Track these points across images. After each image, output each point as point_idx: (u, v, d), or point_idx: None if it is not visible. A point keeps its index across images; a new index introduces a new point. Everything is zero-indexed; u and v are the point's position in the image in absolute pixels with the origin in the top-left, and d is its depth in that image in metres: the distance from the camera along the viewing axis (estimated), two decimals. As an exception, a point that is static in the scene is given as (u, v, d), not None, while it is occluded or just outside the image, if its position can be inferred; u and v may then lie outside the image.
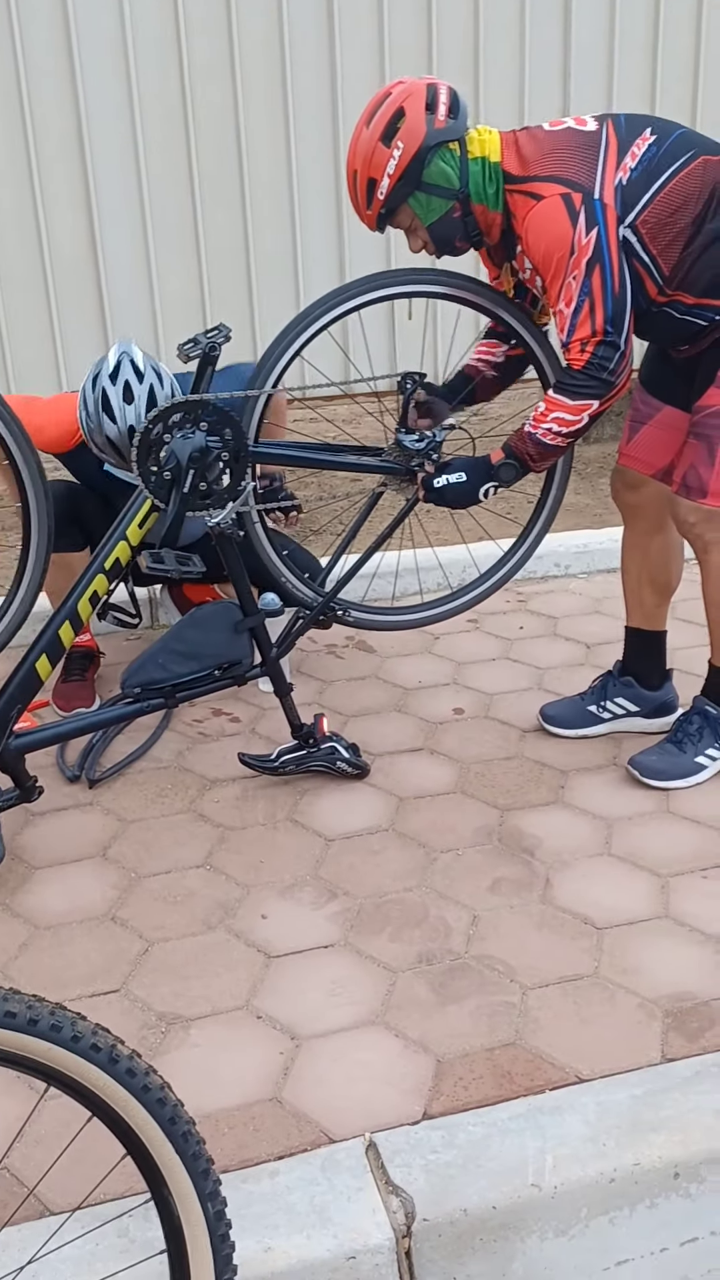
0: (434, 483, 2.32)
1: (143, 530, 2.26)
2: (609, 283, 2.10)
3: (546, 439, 2.23)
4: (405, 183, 2.17)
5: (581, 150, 2.13)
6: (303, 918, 2.05)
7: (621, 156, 2.12)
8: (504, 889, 2.12)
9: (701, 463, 2.25)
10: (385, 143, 2.15)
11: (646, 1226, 1.51)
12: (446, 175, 2.17)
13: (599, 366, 2.14)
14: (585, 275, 2.09)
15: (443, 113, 2.15)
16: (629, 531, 2.60)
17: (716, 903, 2.05)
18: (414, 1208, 1.44)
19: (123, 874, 2.20)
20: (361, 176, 2.20)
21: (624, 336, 2.14)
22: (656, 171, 2.13)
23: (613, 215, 2.10)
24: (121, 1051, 1.16)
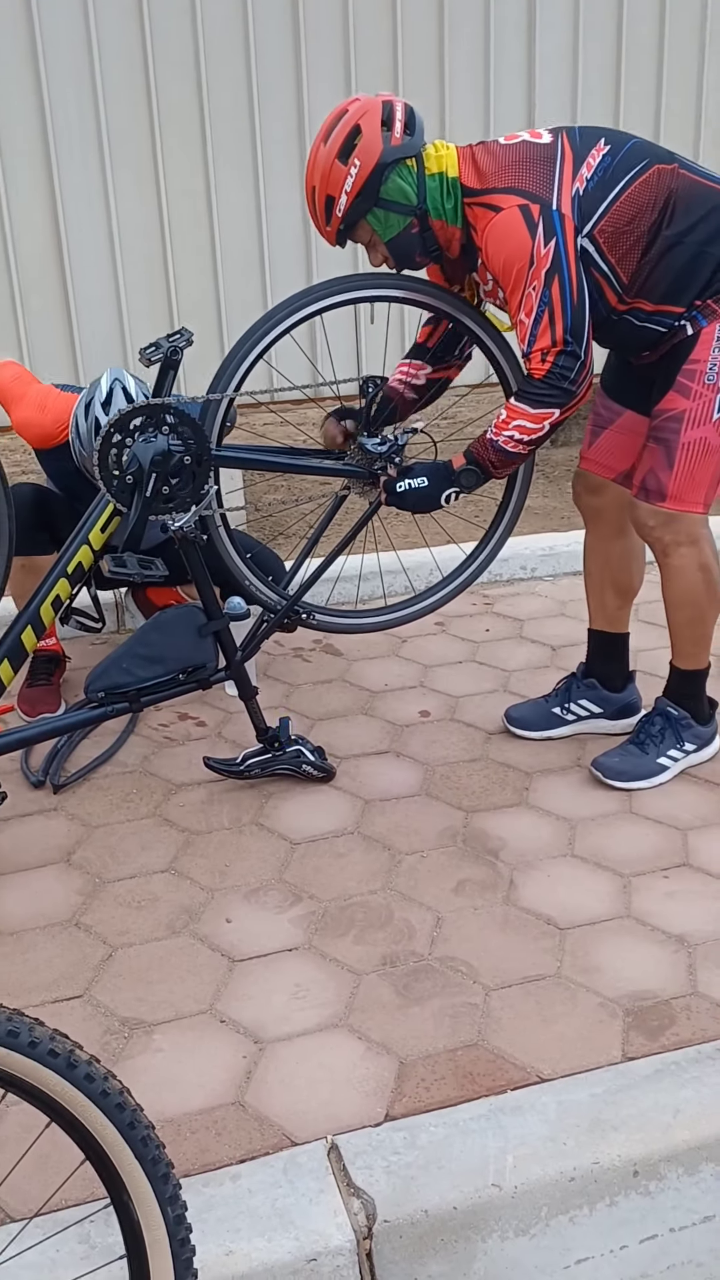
0: (396, 487, 2.33)
1: (105, 534, 2.26)
2: (568, 293, 2.12)
3: (508, 446, 2.25)
4: (363, 199, 2.18)
5: (538, 162, 2.15)
6: (267, 921, 2.05)
7: (577, 167, 2.15)
8: (468, 890, 2.13)
9: (660, 467, 2.27)
10: (342, 160, 2.16)
11: (606, 1225, 1.52)
12: (404, 191, 2.19)
13: (560, 376, 2.16)
14: (544, 286, 2.11)
15: (398, 130, 2.17)
16: (591, 535, 2.62)
17: (677, 902, 2.07)
18: (375, 1209, 1.44)
19: (87, 879, 2.19)
20: (320, 193, 2.21)
21: (584, 346, 2.16)
22: (612, 181, 2.15)
23: (570, 226, 2.12)
24: (79, 1056, 1.16)
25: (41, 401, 2.70)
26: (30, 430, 2.69)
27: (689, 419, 2.23)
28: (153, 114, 4.07)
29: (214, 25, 4.06)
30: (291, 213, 4.30)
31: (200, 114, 4.13)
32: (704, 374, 2.22)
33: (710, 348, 2.21)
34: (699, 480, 2.27)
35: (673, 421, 2.25)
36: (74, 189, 4.05)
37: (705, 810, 2.37)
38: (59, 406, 2.69)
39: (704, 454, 2.25)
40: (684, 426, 2.24)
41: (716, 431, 2.24)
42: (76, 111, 3.99)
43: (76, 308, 4.17)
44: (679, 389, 2.24)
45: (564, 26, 4.59)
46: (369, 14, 4.26)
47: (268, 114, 4.21)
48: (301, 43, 4.17)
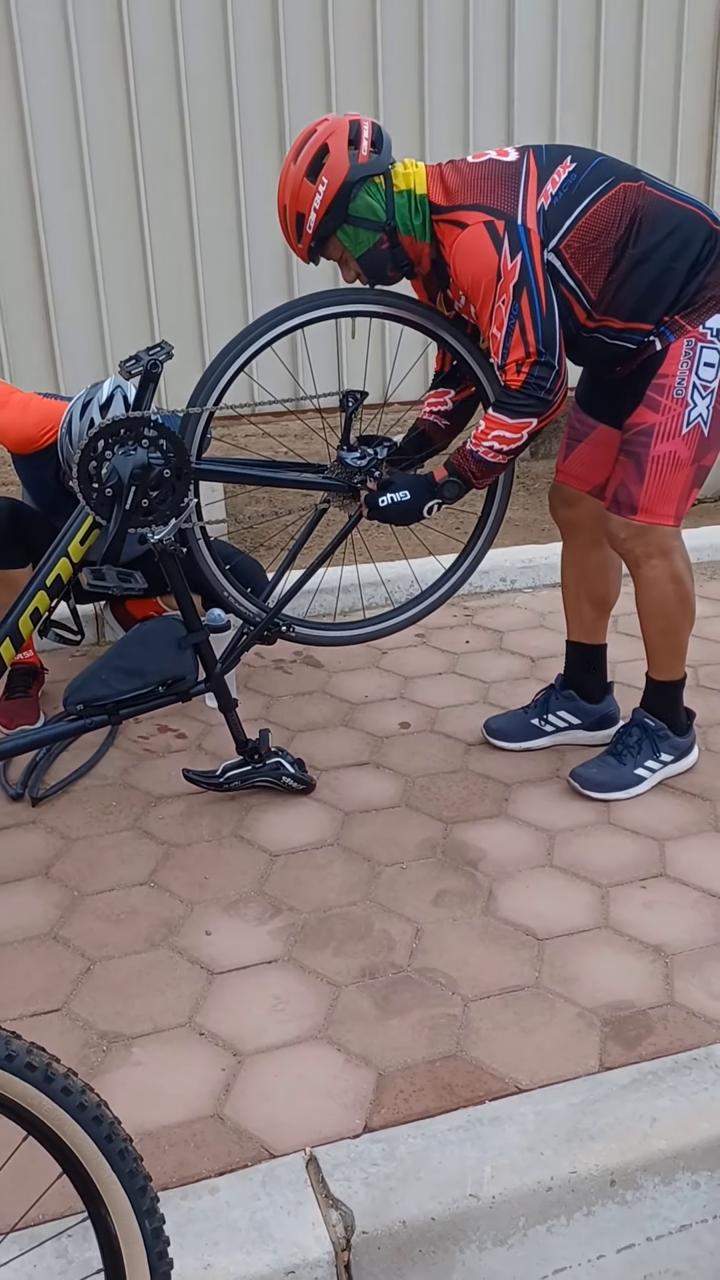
0: (378, 501, 2.35)
1: (84, 547, 2.26)
2: (536, 304, 2.14)
3: (488, 456, 2.27)
4: (332, 216, 2.21)
5: (503, 179, 2.18)
6: (247, 934, 2.05)
7: (542, 184, 2.17)
8: (447, 901, 2.13)
9: (631, 480, 2.30)
10: (310, 178, 2.19)
11: (584, 1234, 1.53)
12: (372, 208, 2.21)
13: (536, 386, 2.18)
14: (514, 299, 2.13)
15: (365, 148, 2.19)
16: (567, 547, 2.64)
17: (654, 912, 2.08)
18: (353, 1221, 1.44)
19: (65, 892, 2.19)
20: (290, 211, 2.23)
21: (557, 355, 2.18)
22: (578, 198, 2.18)
23: (536, 239, 2.14)
24: (57, 1070, 1.16)
25: (25, 404, 2.70)
26: (10, 434, 2.68)
27: (658, 433, 2.26)
28: (133, 130, 4.09)
29: (195, 46, 4.09)
30: (272, 228, 4.32)
31: (181, 130, 4.16)
32: (672, 388, 2.24)
33: (679, 362, 2.24)
34: (669, 493, 2.29)
35: (643, 435, 2.28)
36: (54, 203, 4.06)
37: (683, 821, 2.38)
38: (43, 410, 2.68)
39: (674, 467, 2.27)
40: (654, 440, 2.26)
41: (686, 445, 2.27)
42: (56, 127, 4.00)
43: (57, 321, 4.18)
44: (648, 403, 2.27)
45: (542, 48, 4.64)
46: (349, 36, 4.30)
47: (248, 130, 4.24)
48: (282, 63, 4.20)
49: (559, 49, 4.65)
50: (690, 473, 2.29)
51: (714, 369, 2.24)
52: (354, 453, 2.37)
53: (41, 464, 2.68)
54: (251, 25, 4.14)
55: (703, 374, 2.24)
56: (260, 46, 4.18)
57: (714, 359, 2.24)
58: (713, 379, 2.25)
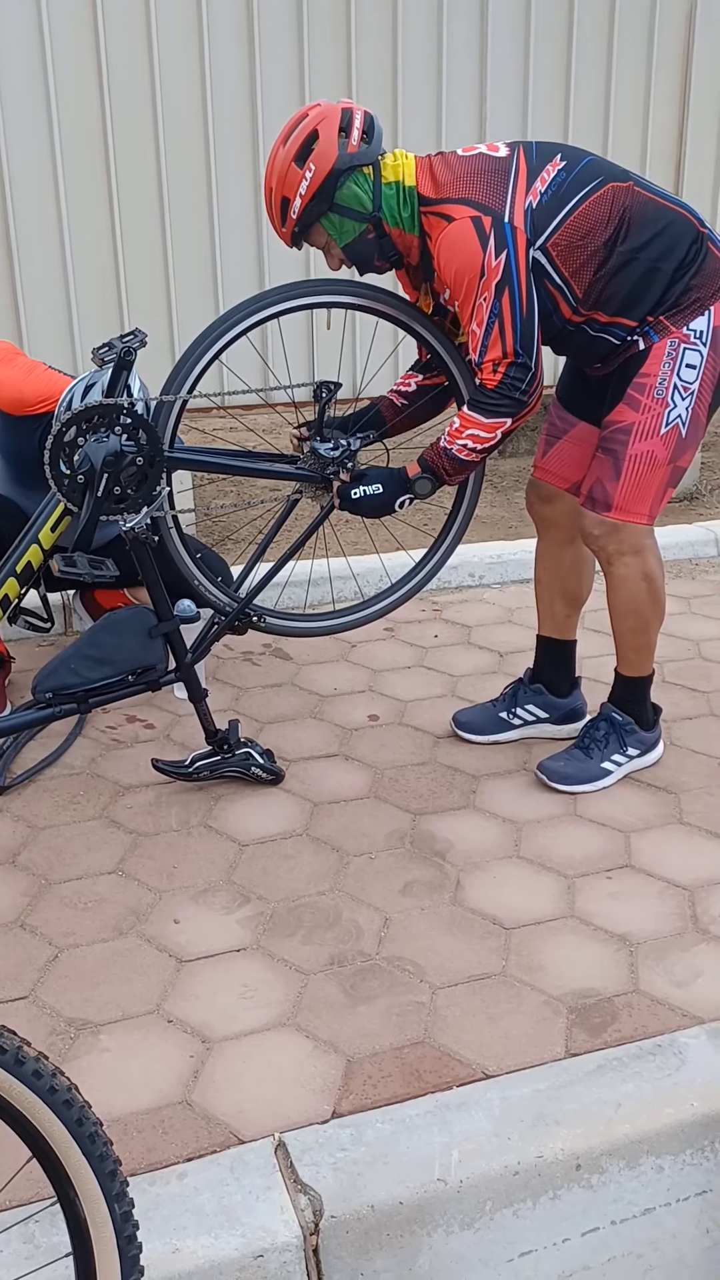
0: (350, 493, 2.36)
1: (55, 534, 2.25)
2: (517, 305, 2.15)
3: (461, 455, 2.28)
4: (317, 203, 2.20)
5: (493, 175, 2.18)
6: (215, 922, 2.05)
7: (531, 181, 2.18)
8: (415, 891, 2.15)
9: (608, 477, 2.32)
10: (299, 164, 2.18)
11: (549, 1218, 1.55)
12: (359, 198, 2.21)
13: (511, 386, 2.20)
14: (495, 297, 2.14)
15: (356, 137, 2.19)
16: (542, 543, 2.66)
17: (619, 902, 2.11)
18: (322, 1205, 1.45)
19: (33, 880, 2.18)
20: (276, 195, 2.23)
21: (534, 357, 2.20)
22: (566, 196, 2.19)
23: (522, 238, 2.16)
24: (28, 1053, 1.16)
25: (30, 368, 2.66)
26: (7, 390, 2.64)
27: (637, 431, 2.28)
28: (105, 117, 4.06)
29: (169, 34, 4.07)
30: (243, 217, 4.31)
31: (153, 117, 4.14)
32: (653, 388, 2.26)
33: (661, 363, 2.26)
34: (645, 492, 2.32)
35: (621, 433, 2.30)
36: (24, 188, 4.03)
37: (648, 812, 2.41)
38: (46, 379, 2.65)
39: (651, 466, 2.30)
40: (632, 439, 2.28)
41: (664, 445, 2.29)
42: (29, 114, 3.97)
43: (25, 309, 4.14)
44: (629, 402, 2.29)
45: (515, 39, 4.66)
46: (324, 31, 4.29)
47: (220, 117, 4.23)
48: (256, 49, 4.19)
49: (530, 50, 4.68)
50: (666, 473, 2.32)
51: (696, 371, 2.27)
52: (326, 443, 2.38)
53: (28, 431, 2.64)
54: (228, 15, 4.13)
55: (684, 375, 2.26)
56: (235, 34, 4.16)
57: (696, 361, 2.26)
58: (694, 380, 2.27)
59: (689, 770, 2.59)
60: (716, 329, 2.26)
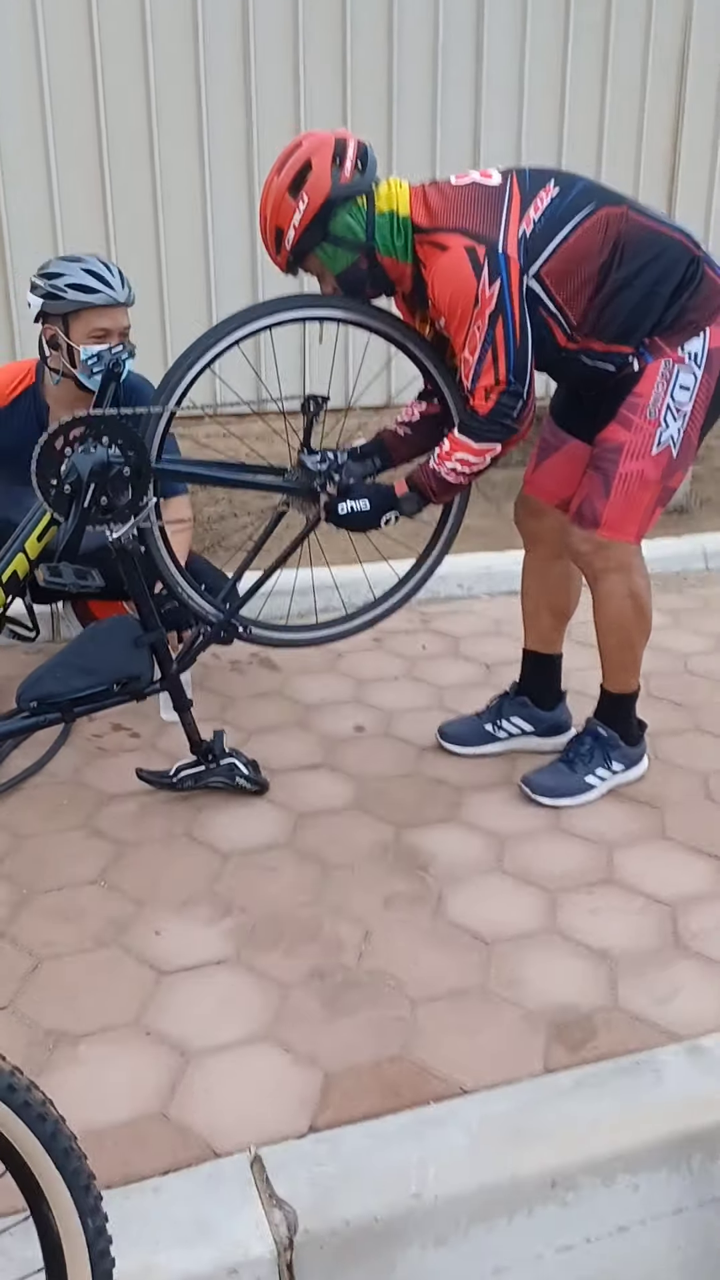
0: (338, 507, 2.36)
1: (41, 544, 2.25)
2: (511, 333, 2.15)
3: (449, 477, 2.29)
4: (311, 234, 2.22)
5: (486, 204, 2.19)
6: (196, 934, 2.05)
7: (525, 209, 2.18)
8: (397, 904, 2.15)
9: (597, 494, 2.32)
10: (292, 194, 2.19)
11: (524, 1234, 1.55)
12: (351, 229, 2.22)
13: (503, 413, 2.20)
14: (489, 326, 2.14)
15: (349, 168, 2.20)
16: (529, 557, 2.67)
17: (601, 918, 2.11)
18: (296, 1219, 1.45)
19: (14, 890, 2.17)
20: (270, 225, 2.24)
21: (526, 385, 2.20)
22: (560, 223, 2.19)
23: (516, 267, 2.15)
24: (2, 1068, 1.16)
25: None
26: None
27: (628, 451, 2.28)
28: (99, 126, 4.07)
29: (165, 55, 4.08)
30: (237, 230, 4.32)
31: (148, 128, 4.15)
32: (646, 408, 2.27)
33: (654, 383, 2.26)
34: (633, 511, 2.32)
35: (612, 452, 2.30)
36: (20, 203, 4.04)
37: (631, 827, 2.42)
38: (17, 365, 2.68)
39: (640, 486, 2.30)
40: (622, 457, 2.29)
41: (654, 465, 2.29)
42: (24, 130, 3.98)
43: (18, 319, 4.14)
44: (621, 420, 2.29)
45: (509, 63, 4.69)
46: (318, 49, 4.31)
47: (215, 128, 4.24)
48: (251, 72, 4.20)
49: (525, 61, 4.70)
50: (656, 493, 2.32)
51: (689, 392, 2.27)
52: (314, 456, 2.38)
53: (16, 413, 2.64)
54: (224, 36, 4.15)
55: (677, 396, 2.27)
56: (231, 56, 4.18)
57: (690, 383, 2.27)
58: (687, 402, 2.27)
59: (673, 785, 2.60)
60: (712, 351, 2.27)
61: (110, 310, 2.57)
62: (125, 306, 2.61)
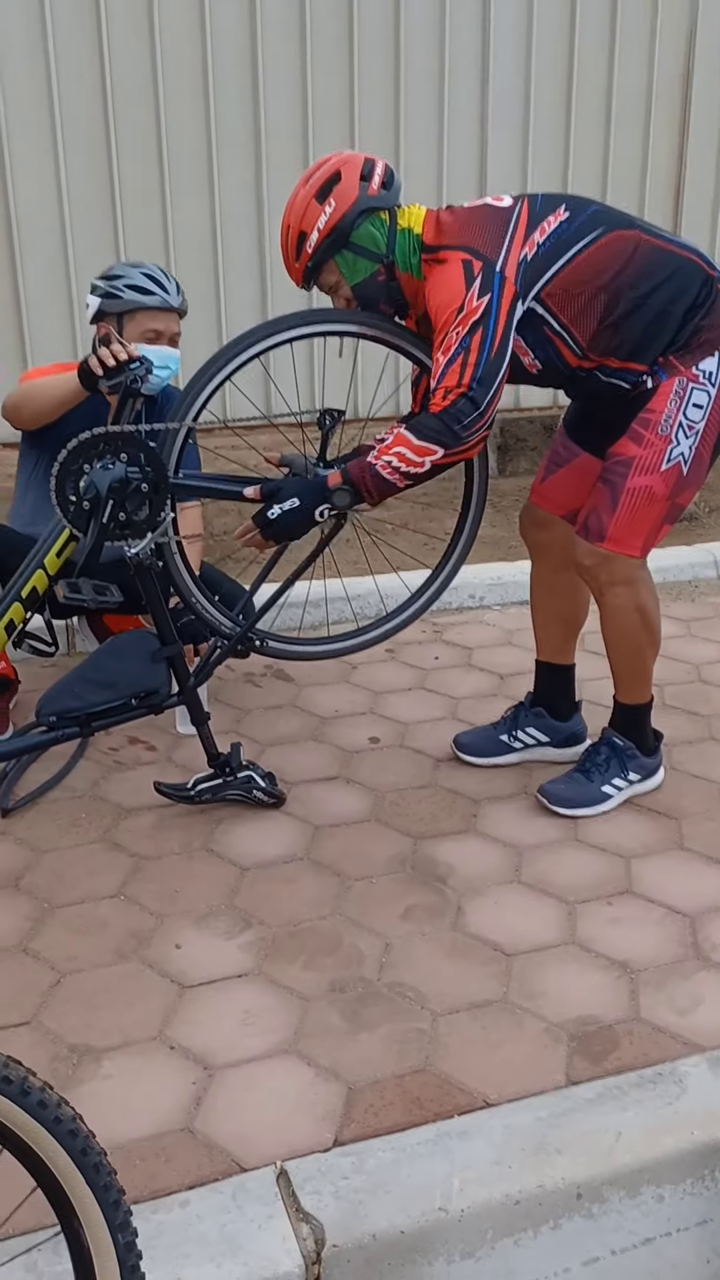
0: (268, 514, 2.24)
1: (60, 559, 2.26)
2: (487, 345, 2.14)
3: (384, 472, 2.20)
4: (334, 240, 2.24)
5: (492, 224, 2.21)
6: (217, 947, 2.06)
7: (530, 232, 2.20)
8: (416, 916, 2.15)
9: (604, 508, 2.33)
10: (319, 200, 2.22)
11: (550, 1247, 1.55)
12: (374, 239, 2.25)
13: (454, 418, 2.15)
14: (467, 333, 2.14)
15: (376, 184, 2.24)
16: (537, 569, 2.68)
17: (620, 928, 2.11)
18: (324, 1234, 1.45)
19: (35, 904, 2.18)
20: (293, 231, 2.26)
21: (486, 400, 2.15)
22: (566, 246, 2.21)
23: (510, 290, 2.16)
24: (33, 1084, 1.16)
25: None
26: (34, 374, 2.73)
27: (637, 465, 2.29)
28: (109, 144, 4.10)
29: (174, 78, 4.12)
30: (247, 249, 4.35)
31: (158, 148, 4.18)
32: (658, 424, 2.28)
33: (668, 399, 2.27)
34: (640, 526, 2.33)
35: (621, 466, 2.31)
36: (30, 218, 4.07)
37: (648, 838, 2.42)
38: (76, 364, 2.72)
39: (648, 501, 2.31)
40: (632, 472, 2.29)
41: (663, 481, 2.30)
42: (35, 152, 4.01)
43: (30, 336, 4.17)
44: (632, 435, 2.30)
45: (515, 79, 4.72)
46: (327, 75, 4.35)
47: (225, 149, 4.27)
48: (260, 97, 4.24)
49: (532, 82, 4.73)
50: (664, 509, 2.33)
51: (702, 410, 2.28)
52: (330, 469, 2.39)
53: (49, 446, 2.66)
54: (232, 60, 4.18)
55: (690, 414, 2.27)
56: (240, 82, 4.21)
57: (703, 401, 2.27)
58: (699, 420, 2.28)
59: (690, 795, 2.60)
60: None
61: (163, 313, 2.67)
62: (178, 312, 2.70)
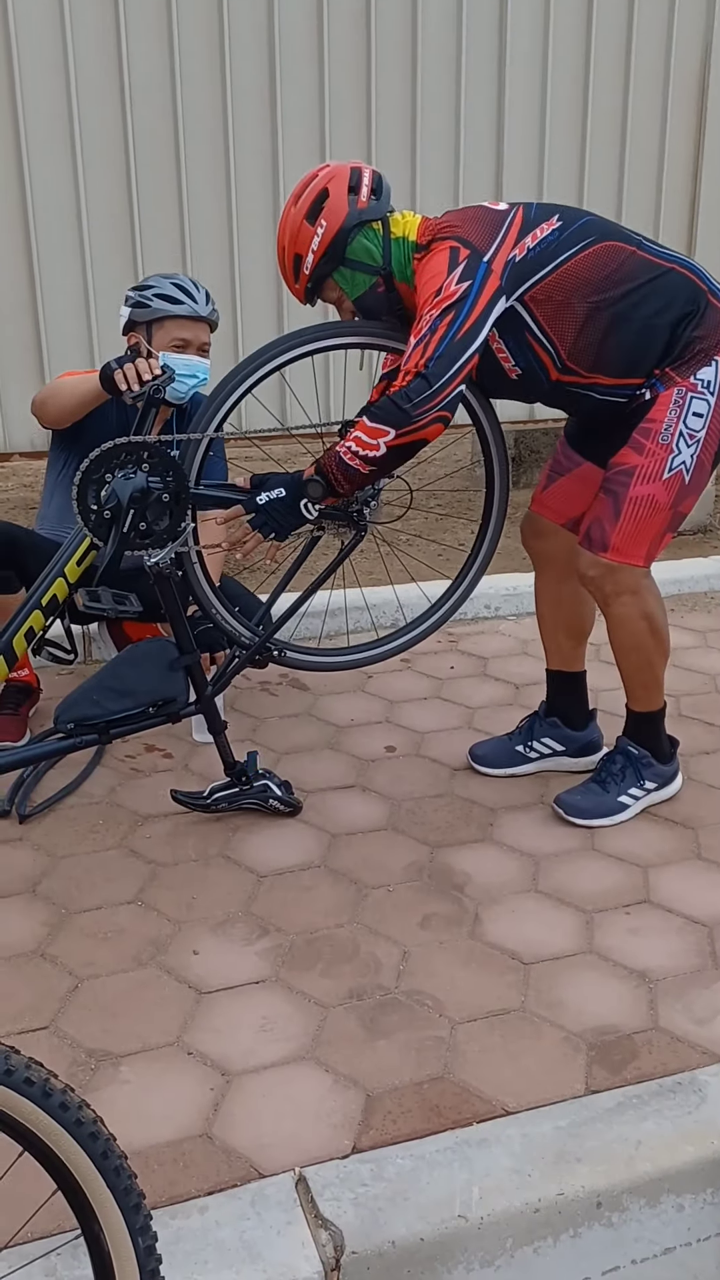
0: (257, 500, 2.21)
1: (81, 568, 2.28)
2: (454, 329, 2.11)
3: (346, 458, 2.16)
4: (329, 258, 2.25)
5: (485, 223, 2.21)
6: (234, 954, 2.06)
7: (522, 236, 2.21)
8: (434, 925, 2.15)
9: (607, 518, 2.33)
10: (310, 221, 2.23)
11: (570, 1256, 1.54)
12: (369, 252, 2.26)
13: (404, 396, 2.12)
14: (439, 315, 2.12)
15: (365, 194, 2.24)
16: (541, 578, 2.68)
17: (638, 938, 2.11)
18: (343, 1241, 1.45)
19: (52, 910, 2.19)
20: (289, 253, 2.28)
21: (442, 380, 2.11)
22: (555, 253, 2.21)
23: (494, 282, 2.15)
24: (55, 1086, 1.17)
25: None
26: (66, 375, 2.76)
27: (639, 474, 2.29)
28: (129, 159, 4.14)
29: (193, 97, 4.15)
30: (263, 261, 4.38)
31: (176, 163, 4.21)
32: (658, 433, 2.28)
33: (667, 409, 2.27)
34: (643, 535, 2.32)
35: (623, 475, 2.31)
36: (49, 233, 4.10)
37: (666, 848, 2.42)
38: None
39: (651, 510, 2.31)
40: (634, 481, 2.30)
41: (665, 490, 2.30)
42: (55, 173, 4.05)
43: (48, 349, 4.21)
44: (633, 445, 2.31)
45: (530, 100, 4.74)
46: (343, 90, 4.38)
47: (242, 163, 4.31)
48: (278, 110, 4.27)
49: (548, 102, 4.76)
50: (666, 518, 2.33)
51: (702, 419, 2.28)
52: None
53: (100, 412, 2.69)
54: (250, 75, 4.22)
55: (690, 423, 2.28)
56: (258, 95, 4.25)
57: (703, 409, 2.28)
58: (700, 429, 2.29)
59: (707, 805, 2.59)
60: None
61: (191, 323, 2.68)
62: (206, 322, 2.71)
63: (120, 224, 4.19)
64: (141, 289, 2.69)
